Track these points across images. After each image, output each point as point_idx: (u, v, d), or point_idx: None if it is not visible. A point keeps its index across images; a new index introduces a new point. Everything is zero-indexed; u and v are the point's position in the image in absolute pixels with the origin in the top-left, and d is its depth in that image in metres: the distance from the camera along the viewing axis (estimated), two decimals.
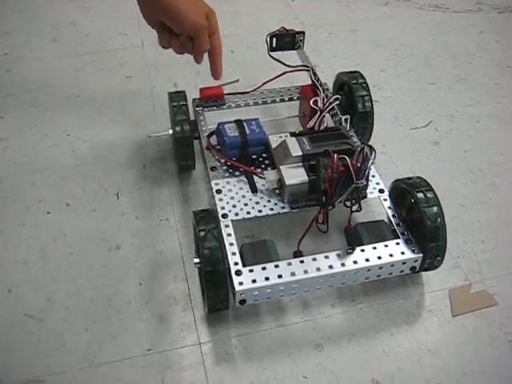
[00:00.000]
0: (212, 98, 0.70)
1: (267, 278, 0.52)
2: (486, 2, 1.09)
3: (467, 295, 0.59)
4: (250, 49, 0.94)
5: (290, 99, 0.74)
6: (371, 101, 0.69)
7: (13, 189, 0.70)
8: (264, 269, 0.52)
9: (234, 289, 0.51)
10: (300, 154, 0.57)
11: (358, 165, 0.52)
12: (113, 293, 0.59)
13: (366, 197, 0.58)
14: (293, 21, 1.01)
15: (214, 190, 0.59)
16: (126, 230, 0.64)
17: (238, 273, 0.52)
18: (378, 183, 0.60)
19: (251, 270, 0.52)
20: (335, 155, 0.53)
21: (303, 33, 0.73)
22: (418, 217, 0.55)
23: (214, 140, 0.65)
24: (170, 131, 0.67)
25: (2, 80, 0.88)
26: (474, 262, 0.62)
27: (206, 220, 0.53)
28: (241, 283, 0.51)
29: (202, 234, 0.52)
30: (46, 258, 0.62)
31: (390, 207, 0.58)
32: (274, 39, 0.72)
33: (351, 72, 0.72)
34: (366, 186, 0.56)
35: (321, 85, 0.69)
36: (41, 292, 0.59)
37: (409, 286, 0.60)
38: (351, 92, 0.70)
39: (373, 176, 0.61)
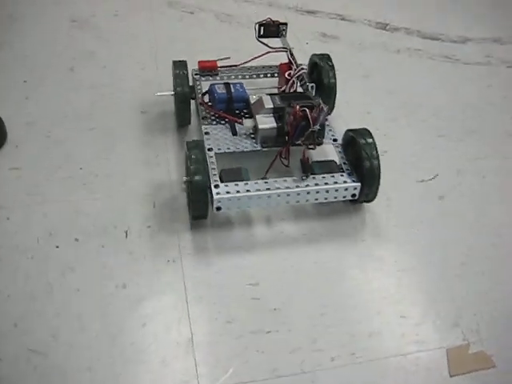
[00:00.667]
0: (207, 69, 0.87)
1: (238, 191, 0.68)
2: (495, 55, 1.11)
3: (465, 355, 0.59)
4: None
5: (272, 75, 0.90)
6: (335, 76, 0.85)
7: (24, 219, 0.71)
8: (236, 185, 0.69)
9: (212, 197, 0.67)
10: (271, 106, 0.74)
11: (315, 115, 0.68)
12: (117, 332, 0.59)
13: (321, 143, 0.72)
14: (303, 61, 1.03)
15: (203, 132, 0.75)
16: (133, 269, 0.66)
17: (217, 186, 0.68)
18: (333, 135, 0.76)
19: (226, 185, 0.68)
20: (297, 106, 0.69)
21: (286, 24, 0.87)
22: (360, 157, 0.70)
23: (206, 100, 0.80)
24: (171, 92, 0.82)
25: (19, 107, 0.90)
26: (472, 320, 0.63)
27: (196, 148, 0.69)
28: (218, 193, 0.67)
29: (192, 156, 0.68)
30: (53, 292, 0.63)
31: (340, 151, 0.74)
32: (262, 27, 0.85)
33: (321, 54, 0.89)
34: (322, 133, 0.72)
35: (295, 62, 0.85)
36: (46, 327, 0.60)
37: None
38: (320, 69, 0.86)
39: (330, 130, 0.76)
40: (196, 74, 0.87)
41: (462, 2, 1.31)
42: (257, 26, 0.84)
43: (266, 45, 0.84)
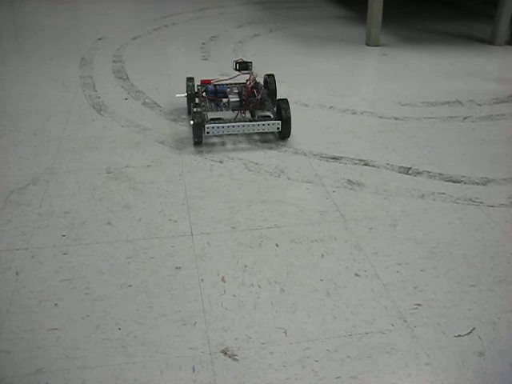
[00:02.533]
0: (205, 83, 1.46)
1: (217, 126, 1.27)
2: None
3: None
4: (295, 242, 0.98)
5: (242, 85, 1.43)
6: (275, 85, 1.49)
7: None
8: (216, 123, 1.28)
9: (205, 127, 1.26)
10: (236, 91, 1.39)
11: (255, 91, 1.34)
12: None
13: (263, 108, 1.36)
14: (334, 213, 1.06)
15: (193, 104, 1.31)
16: None
17: (208, 122, 1.27)
18: (274, 117, 1.33)
19: (213, 122, 1.28)
20: (249, 86, 1.35)
21: (251, 62, 1.40)
22: (282, 111, 1.31)
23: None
24: (185, 94, 1.44)
25: (58, 264, 0.93)
26: None
27: (197, 106, 1.29)
28: (208, 126, 1.26)
29: (195, 110, 1.27)
30: None
31: (273, 113, 1.35)
32: (238, 64, 1.39)
33: (268, 75, 1.50)
34: (262, 101, 1.36)
35: (254, 78, 1.38)
36: None
37: None
38: (268, 84, 1.49)
39: (271, 115, 1.34)
40: (199, 85, 1.47)
41: (479, 143, 1.37)
42: (234, 63, 1.39)
43: (239, 71, 1.40)
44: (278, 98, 1.43)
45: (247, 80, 1.38)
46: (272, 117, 1.32)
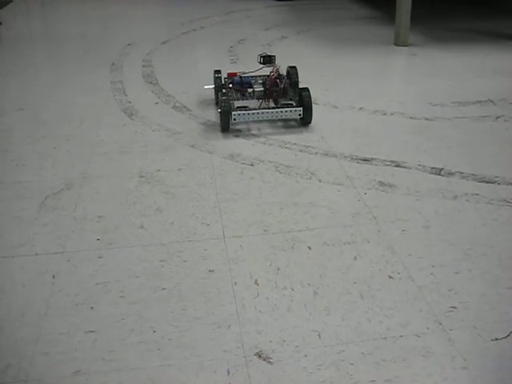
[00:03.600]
0: (232, 75, 1.52)
1: (244, 113, 1.36)
2: None
3: None
4: (327, 245, 0.98)
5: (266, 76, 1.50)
6: (297, 76, 1.53)
7: None
8: (244, 110, 1.37)
9: (232, 115, 1.35)
10: (261, 81, 1.48)
11: (278, 81, 1.42)
12: None
13: (286, 97, 1.46)
14: (366, 215, 1.06)
15: (221, 94, 1.41)
16: None
17: (235, 110, 1.37)
18: (295, 106, 1.41)
19: (239, 110, 1.37)
20: (272, 76, 1.43)
21: (274, 56, 1.48)
22: (303, 99, 1.39)
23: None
24: (213, 85, 1.54)
25: (93, 267, 0.94)
26: None
27: (224, 95, 1.38)
28: (234, 113, 1.35)
29: (223, 98, 1.35)
30: None
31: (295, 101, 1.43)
32: (262, 58, 1.47)
33: (291, 67, 1.55)
34: (285, 90, 1.44)
35: (277, 70, 1.46)
36: None
37: None
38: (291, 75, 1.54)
39: (294, 103, 1.43)
40: (225, 78, 1.54)
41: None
42: (259, 57, 1.48)
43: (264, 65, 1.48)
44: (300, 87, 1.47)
45: (271, 72, 1.46)
46: (294, 104, 1.41)
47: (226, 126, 1.37)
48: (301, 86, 1.47)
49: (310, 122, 1.40)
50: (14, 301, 0.87)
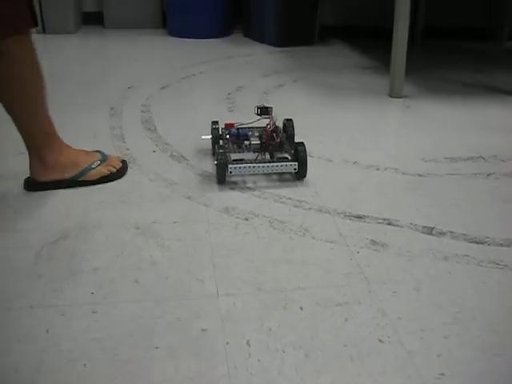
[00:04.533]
0: (229, 126, 1.55)
1: (240, 166, 1.39)
2: None
3: None
4: (319, 305, 1.00)
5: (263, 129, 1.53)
6: (293, 129, 1.58)
7: None
8: (240, 163, 1.39)
9: (228, 167, 1.38)
10: (257, 134, 1.51)
11: (275, 135, 1.46)
12: None
13: (282, 151, 1.49)
14: (358, 275, 1.08)
15: (218, 146, 1.42)
16: None
17: (231, 163, 1.39)
18: (291, 159, 1.45)
19: (236, 163, 1.40)
20: (269, 130, 1.46)
21: (271, 107, 1.49)
22: (299, 154, 1.41)
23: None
24: (210, 136, 1.58)
25: (87, 323, 0.95)
26: None
27: (221, 148, 1.40)
28: (231, 166, 1.38)
29: (220, 151, 1.38)
30: None
31: (290, 155, 1.46)
32: (259, 109, 1.48)
33: (287, 120, 1.59)
34: (281, 144, 1.48)
35: (274, 123, 1.49)
36: None
37: None
38: (287, 128, 1.59)
39: (287, 157, 1.47)
40: (223, 128, 1.56)
41: (503, 201, 1.38)
42: (255, 108, 1.49)
43: (260, 116, 1.50)
44: (296, 141, 1.49)
45: (267, 124, 1.49)
46: (289, 158, 1.44)
47: (222, 179, 1.40)
48: (296, 139, 1.51)
49: (304, 176, 1.43)
50: (9, 355, 0.88)
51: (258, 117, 1.50)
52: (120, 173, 1.45)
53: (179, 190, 1.40)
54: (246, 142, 1.49)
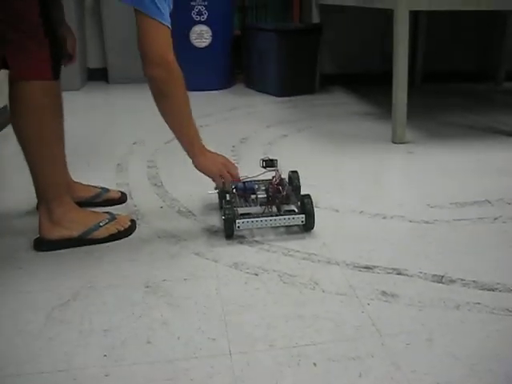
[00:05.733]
0: (235, 180, 1.49)
1: (247, 221, 1.39)
2: None
3: None
4: (332, 361, 0.99)
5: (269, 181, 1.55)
6: (299, 181, 1.60)
7: None
8: (247, 218, 1.40)
9: (235, 223, 1.38)
10: (264, 188, 1.53)
11: (281, 188, 1.48)
12: None
13: (287, 203, 1.51)
14: (369, 328, 1.07)
15: (225, 201, 1.44)
16: None
17: (239, 218, 1.39)
18: (298, 212, 1.46)
19: (243, 218, 1.40)
20: (275, 183, 1.48)
21: (276, 160, 1.52)
22: (305, 206, 1.41)
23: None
24: (217, 190, 1.55)
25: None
26: None
27: (228, 204, 1.41)
28: (239, 221, 1.38)
29: (227, 206, 1.39)
30: None
31: (297, 207, 1.47)
32: (264, 162, 1.52)
33: (292, 172, 1.62)
34: (287, 197, 1.49)
35: (280, 176, 1.52)
36: None
37: None
38: (293, 180, 1.60)
39: (294, 210, 1.49)
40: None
41: (511, 246, 1.38)
42: (261, 161, 1.52)
43: (265, 169, 1.54)
44: (302, 193, 1.50)
45: (273, 177, 1.51)
46: (296, 211, 1.45)
47: (230, 233, 1.40)
48: (302, 189, 1.52)
49: (312, 228, 1.43)
50: None
51: (264, 169, 1.52)
52: (128, 231, 1.46)
53: (188, 246, 1.41)
54: (253, 196, 1.51)
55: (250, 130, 2.51)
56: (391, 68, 2.22)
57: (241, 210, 1.46)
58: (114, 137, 2.47)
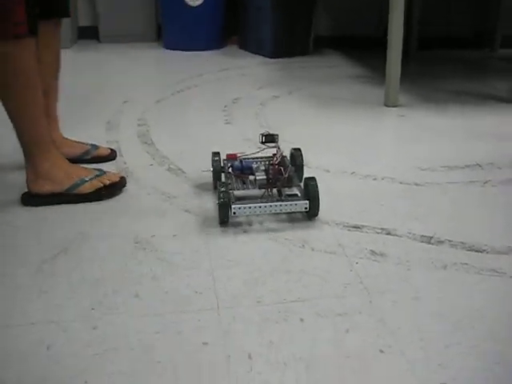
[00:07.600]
0: (231, 157, 1.44)
1: (244, 206, 1.24)
2: None
3: None
4: (320, 316, 1.00)
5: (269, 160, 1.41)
6: (302, 159, 1.46)
7: None
8: (244, 203, 1.25)
9: (231, 208, 1.24)
10: (263, 168, 1.39)
11: (282, 169, 1.33)
12: None
13: (290, 186, 1.36)
14: (357, 285, 1.08)
15: (220, 183, 1.28)
16: None
17: (234, 203, 1.24)
18: (301, 196, 1.32)
19: (239, 203, 1.25)
20: (275, 164, 1.33)
21: (277, 135, 1.37)
22: (310, 190, 1.27)
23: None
24: (212, 168, 1.42)
25: (88, 338, 0.95)
26: None
27: (223, 186, 1.26)
28: (234, 207, 1.24)
29: (221, 189, 1.25)
30: None
31: (299, 190, 1.34)
32: (264, 137, 1.37)
33: (295, 149, 1.47)
34: (289, 179, 1.35)
35: (281, 154, 1.38)
36: None
37: None
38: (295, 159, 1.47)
39: (297, 194, 1.35)
40: (225, 160, 1.45)
41: (500, 209, 1.38)
42: (260, 135, 1.37)
43: (265, 145, 1.38)
44: (305, 175, 1.38)
45: (274, 155, 1.36)
46: (299, 195, 1.31)
47: (224, 220, 1.27)
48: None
49: (316, 215, 1.30)
50: (10, 373, 0.88)
51: (264, 146, 1.37)
52: (118, 186, 1.45)
53: (178, 203, 1.40)
54: (251, 177, 1.36)
55: (242, 91, 2.48)
56: (387, 32, 2.19)
57: (237, 193, 1.33)
58: (105, 95, 2.44)
